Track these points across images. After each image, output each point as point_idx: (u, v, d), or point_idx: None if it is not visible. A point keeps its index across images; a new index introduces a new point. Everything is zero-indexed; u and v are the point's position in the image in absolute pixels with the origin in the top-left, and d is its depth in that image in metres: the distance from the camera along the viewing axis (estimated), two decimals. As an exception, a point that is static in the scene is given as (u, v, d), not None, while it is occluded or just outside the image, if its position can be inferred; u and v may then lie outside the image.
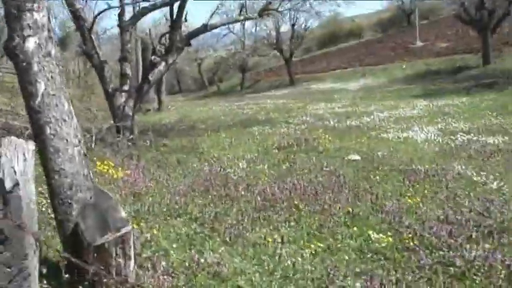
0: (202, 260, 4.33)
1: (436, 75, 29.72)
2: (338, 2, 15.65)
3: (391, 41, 47.76)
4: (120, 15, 12.48)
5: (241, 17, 13.79)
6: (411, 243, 4.68)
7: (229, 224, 5.41)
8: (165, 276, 3.99)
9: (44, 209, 5.39)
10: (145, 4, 12.14)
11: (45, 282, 3.44)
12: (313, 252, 4.63)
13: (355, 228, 5.20)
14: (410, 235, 4.82)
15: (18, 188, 2.80)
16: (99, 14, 12.19)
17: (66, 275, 3.33)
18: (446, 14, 52.09)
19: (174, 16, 12.38)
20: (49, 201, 4.05)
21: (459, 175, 7.55)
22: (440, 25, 48.79)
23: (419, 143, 10.98)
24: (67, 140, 3.84)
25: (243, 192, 6.80)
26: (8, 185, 2.75)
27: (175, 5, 12.29)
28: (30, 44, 3.69)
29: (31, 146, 3.04)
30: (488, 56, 28.37)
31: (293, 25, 37.73)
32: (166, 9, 12.99)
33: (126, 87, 12.17)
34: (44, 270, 3.15)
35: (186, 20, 12.79)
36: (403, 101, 20.65)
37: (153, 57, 12.55)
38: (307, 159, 9.50)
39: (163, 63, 12.42)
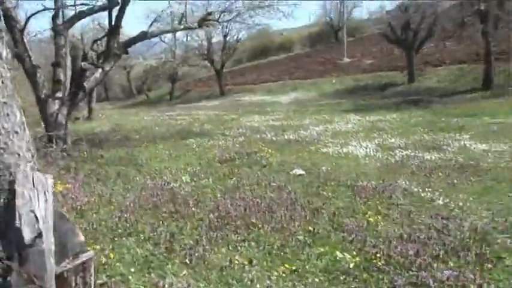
0: (166, 286, 4.00)
1: (365, 90, 30.62)
2: (279, 16, 15.60)
3: (320, 56, 48.92)
4: (55, 17, 11.80)
5: (181, 26, 13.47)
6: (379, 263, 4.58)
7: (186, 245, 5.10)
8: (128, 306, 3.64)
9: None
10: (83, 8, 11.55)
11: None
12: (281, 274, 4.42)
13: (320, 248, 5.04)
14: (377, 254, 4.72)
15: (41, 241, 2.16)
16: (32, 15, 11.48)
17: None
18: (371, 33, 54.36)
19: (113, 22, 11.86)
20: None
21: (406, 191, 7.61)
22: (366, 43, 50.66)
23: (360, 158, 11.07)
24: (19, 155, 3.38)
25: (193, 209, 6.50)
26: (28, 236, 2.13)
27: (114, 10, 11.79)
28: (-22, 44, 3.24)
29: (50, 180, 2.42)
30: (413, 74, 29.61)
31: (225, 36, 37.67)
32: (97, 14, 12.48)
33: (59, 94, 11.48)
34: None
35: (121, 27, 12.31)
36: (336, 116, 20.99)
37: (83, 63, 11.92)
38: (252, 174, 9.30)
39: (99, 70, 11.84)
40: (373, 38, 51.30)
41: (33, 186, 2.26)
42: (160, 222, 5.91)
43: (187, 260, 4.68)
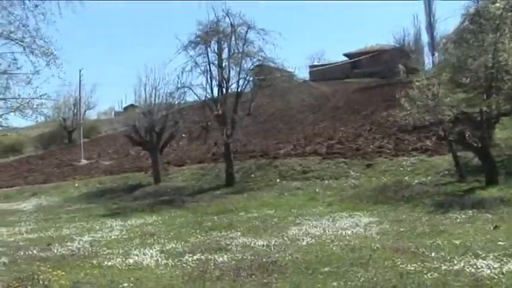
0: None
1: (114, 193, 30.00)
2: (40, 118, 14.82)
3: (55, 157, 47.21)
4: None
5: None
6: None
7: None
8: None
9: None
10: None
11: None
12: None
13: None
14: None
15: None
16: None
17: None
18: (105, 134, 55.00)
19: None
20: None
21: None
22: (101, 144, 50.86)
23: (154, 269, 11.00)
24: None
25: None
26: None
27: None
28: None
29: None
30: (158, 174, 30.50)
31: None
32: None
33: None
34: None
35: None
36: (95, 222, 20.15)
37: None
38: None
39: None
40: (108, 139, 52.04)
41: None
42: None
43: None
